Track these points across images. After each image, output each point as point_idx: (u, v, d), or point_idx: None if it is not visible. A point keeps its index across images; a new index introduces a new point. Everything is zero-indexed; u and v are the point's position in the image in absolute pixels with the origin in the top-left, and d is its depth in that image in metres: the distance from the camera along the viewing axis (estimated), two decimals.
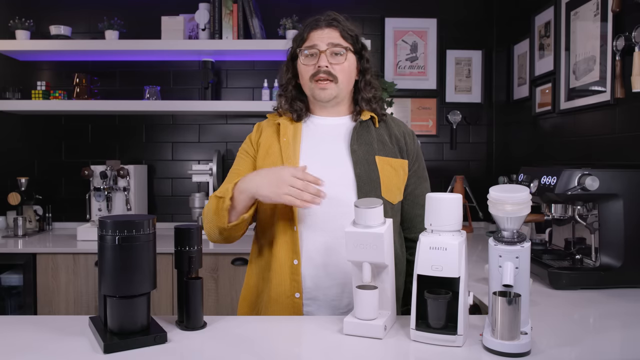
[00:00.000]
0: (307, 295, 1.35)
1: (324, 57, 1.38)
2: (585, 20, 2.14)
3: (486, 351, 1.01)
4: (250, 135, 1.52)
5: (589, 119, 2.14)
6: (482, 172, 3.18)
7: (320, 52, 1.39)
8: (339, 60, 1.40)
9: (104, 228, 1.06)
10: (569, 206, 1.64)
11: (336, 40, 1.39)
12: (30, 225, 2.89)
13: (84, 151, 3.12)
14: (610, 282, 1.53)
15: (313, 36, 1.41)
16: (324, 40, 1.39)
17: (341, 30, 1.41)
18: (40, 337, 1.10)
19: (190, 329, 1.15)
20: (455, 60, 3.16)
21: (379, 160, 1.40)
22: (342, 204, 1.32)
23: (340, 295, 1.35)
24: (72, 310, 2.49)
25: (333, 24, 1.41)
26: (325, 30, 1.40)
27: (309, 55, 1.41)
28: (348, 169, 1.38)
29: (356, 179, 1.36)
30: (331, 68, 1.39)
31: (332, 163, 1.39)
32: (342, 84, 1.41)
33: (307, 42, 1.41)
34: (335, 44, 1.39)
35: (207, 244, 2.53)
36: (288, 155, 1.39)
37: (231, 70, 3.12)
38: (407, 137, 1.48)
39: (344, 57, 1.40)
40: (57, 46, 2.83)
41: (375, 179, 1.37)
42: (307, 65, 1.41)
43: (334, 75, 1.39)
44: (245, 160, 1.48)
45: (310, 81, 1.41)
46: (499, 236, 1.06)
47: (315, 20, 1.42)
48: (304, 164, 1.38)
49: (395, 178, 1.41)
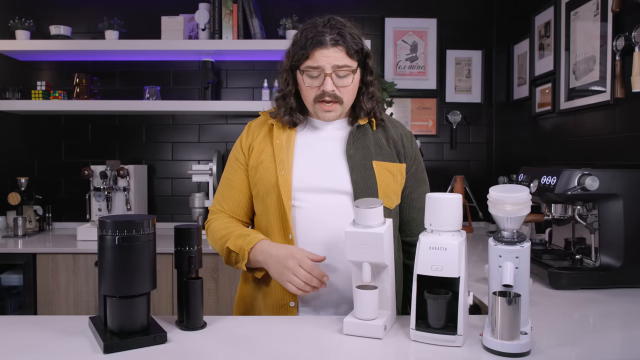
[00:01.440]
0: (302, 303, 1.35)
1: (329, 81, 1.31)
2: (585, 20, 2.14)
3: (486, 351, 1.01)
4: (241, 140, 1.46)
5: (589, 119, 2.14)
6: (482, 172, 3.18)
7: (326, 75, 1.31)
8: (345, 83, 1.33)
9: (104, 228, 1.06)
10: (569, 206, 1.64)
11: (342, 62, 1.31)
12: (30, 225, 2.89)
13: (84, 151, 3.12)
14: (610, 282, 1.53)
15: (317, 56, 1.31)
16: (329, 62, 1.30)
17: (347, 48, 1.31)
18: (40, 337, 1.10)
19: (190, 329, 1.15)
20: (455, 60, 3.16)
21: (376, 165, 1.37)
22: (338, 212, 1.32)
23: (336, 302, 1.34)
24: (72, 310, 2.49)
25: (339, 42, 1.31)
26: (330, 50, 1.30)
27: (313, 77, 1.33)
28: (344, 175, 1.35)
29: (353, 186, 1.33)
30: (337, 91, 1.33)
31: (328, 169, 1.36)
32: (347, 103, 1.37)
33: (310, 60, 1.32)
34: (342, 66, 1.31)
35: (207, 244, 2.52)
36: (281, 160, 1.36)
37: (231, 70, 3.12)
38: (404, 139, 1.44)
39: (351, 79, 1.34)
40: (57, 46, 2.83)
41: (372, 185, 1.34)
42: (311, 87, 1.34)
43: (340, 97, 1.34)
44: (236, 170, 1.44)
45: (315, 102, 1.35)
46: (499, 236, 1.06)
47: (319, 35, 1.31)
48: (298, 168, 1.35)
49: (392, 183, 1.38)
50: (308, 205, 1.34)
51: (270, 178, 1.36)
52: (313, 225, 1.33)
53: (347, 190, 1.34)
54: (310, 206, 1.33)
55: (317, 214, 1.33)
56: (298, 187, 1.34)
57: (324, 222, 1.32)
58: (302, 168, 1.36)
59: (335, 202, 1.33)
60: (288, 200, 1.33)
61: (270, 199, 1.36)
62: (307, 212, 1.33)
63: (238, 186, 1.44)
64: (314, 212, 1.33)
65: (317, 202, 1.33)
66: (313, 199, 1.33)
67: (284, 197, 1.32)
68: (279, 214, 1.34)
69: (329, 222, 1.32)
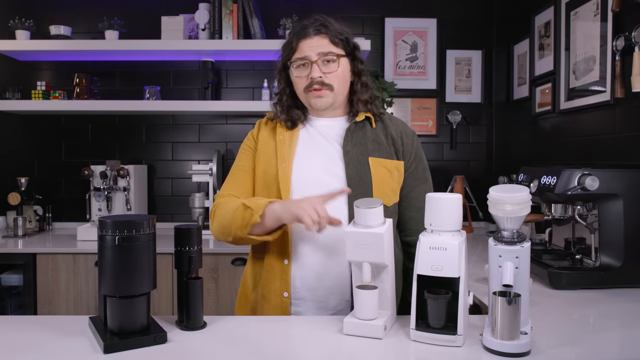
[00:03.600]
0: (295, 295, 1.35)
1: (316, 68, 1.36)
2: (585, 20, 2.14)
3: (486, 351, 1.01)
4: (252, 131, 1.52)
5: (589, 119, 2.14)
6: (482, 172, 3.18)
7: (312, 62, 1.36)
8: (331, 69, 1.37)
9: (104, 228, 1.06)
10: (569, 206, 1.64)
11: (326, 49, 1.36)
12: (30, 225, 2.89)
13: (84, 151, 3.12)
14: (610, 282, 1.53)
15: (302, 46, 1.37)
16: (313, 50, 1.36)
17: (330, 37, 1.37)
18: (40, 337, 1.10)
19: (190, 329, 1.15)
20: (455, 60, 3.16)
21: (372, 161, 1.38)
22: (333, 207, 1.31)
23: (328, 296, 1.35)
24: (72, 310, 2.49)
25: (322, 31, 1.37)
26: (314, 38, 1.37)
27: (300, 66, 1.39)
28: (340, 170, 1.37)
29: (347, 180, 1.35)
30: (325, 77, 1.36)
31: (325, 164, 1.38)
32: (338, 90, 1.40)
33: (297, 52, 1.38)
34: (326, 53, 1.36)
35: (207, 244, 2.53)
36: (282, 154, 1.39)
37: (231, 70, 3.12)
38: (404, 137, 1.45)
39: (337, 64, 1.38)
40: (57, 46, 2.83)
41: (367, 181, 1.36)
42: (300, 77, 1.39)
43: (328, 84, 1.37)
44: (247, 155, 1.47)
45: (305, 92, 1.39)
46: (499, 236, 1.06)
47: (302, 29, 1.39)
48: (298, 162, 1.38)
49: (389, 180, 1.39)
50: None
51: (271, 170, 1.39)
52: None
53: (343, 184, 1.35)
54: None
55: None
56: (297, 180, 1.36)
57: None
58: (301, 163, 1.38)
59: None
60: (287, 193, 1.35)
61: (271, 192, 1.38)
62: None
63: (248, 171, 1.46)
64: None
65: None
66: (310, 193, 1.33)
67: (282, 190, 1.35)
68: None
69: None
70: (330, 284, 1.34)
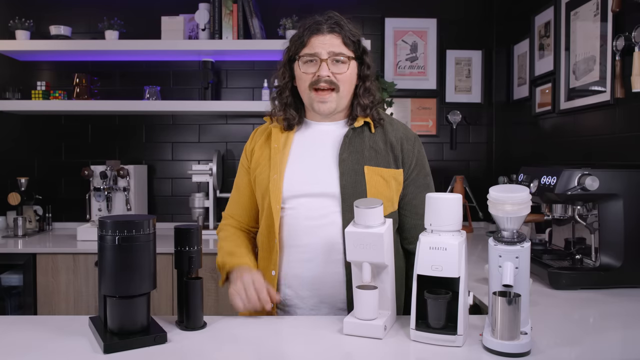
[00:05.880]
0: (285, 304, 1.36)
1: (325, 66, 1.32)
2: (585, 20, 2.14)
3: (486, 351, 1.01)
4: (246, 146, 1.50)
5: (588, 119, 2.14)
6: (482, 172, 3.18)
7: (321, 60, 1.32)
8: (341, 69, 1.34)
9: (104, 228, 1.06)
10: (569, 206, 1.64)
11: (338, 49, 1.33)
12: (30, 225, 2.89)
13: (84, 151, 3.12)
14: (610, 282, 1.53)
15: (314, 42, 1.33)
16: (325, 48, 1.32)
17: (344, 37, 1.34)
18: (40, 337, 1.10)
19: (190, 329, 1.15)
20: (455, 60, 3.16)
21: (367, 170, 1.34)
22: (324, 216, 1.32)
23: (319, 305, 1.34)
24: (72, 310, 2.49)
25: (335, 29, 1.33)
26: (327, 36, 1.33)
27: (308, 62, 1.35)
28: (334, 179, 1.33)
29: (341, 190, 1.32)
30: (333, 77, 1.33)
31: (319, 172, 1.35)
32: (343, 92, 1.36)
33: (307, 47, 1.34)
34: (337, 53, 1.33)
35: (207, 244, 2.53)
36: (275, 163, 1.36)
37: (231, 70, 3.12)
38: (404, 143, 1.40)
39: (347, 66, 1.34)
40: (57, 46, 2.82)
41: (361, 191, 1.32)
42: (306, 73, 1.35)
43: (336, 84, 1.34)
44: (242, 176, 1.49)
45: (310, 90, 1.35)
46: (499, 236, 1.06)
47: (316, 24, 1.34)
48: (290, 172, 1.36)
49: (385, 189, 1.35)
50: (296, 209, 1.34)
51: (264, 181, 1.37)
52: (299, 229, 1.33)
53: (335, 194, 1.32)
54: (298, 210, 1.34)
55: (303, 218, 1.33)
56: (288, 190, 1.34)
57: (310, 226, 1.32)
58: (294, 172, 1.36)
59: (322, 207, 1.32)
60: (277, 204, 1.33)
61: (265, 203, 1.37)
62: (294, 216, 1.34)
63: (244, 190, 1.48)
64: (300, 216, 1.33)
65: (306, 206, 1.33)
66: (302, 203, 1.34)
67: (273, 201, 1.33)
68: (269, 218, 1.35)
69: (315, 227, 1.32)
70: (321, 293, 1.33)
